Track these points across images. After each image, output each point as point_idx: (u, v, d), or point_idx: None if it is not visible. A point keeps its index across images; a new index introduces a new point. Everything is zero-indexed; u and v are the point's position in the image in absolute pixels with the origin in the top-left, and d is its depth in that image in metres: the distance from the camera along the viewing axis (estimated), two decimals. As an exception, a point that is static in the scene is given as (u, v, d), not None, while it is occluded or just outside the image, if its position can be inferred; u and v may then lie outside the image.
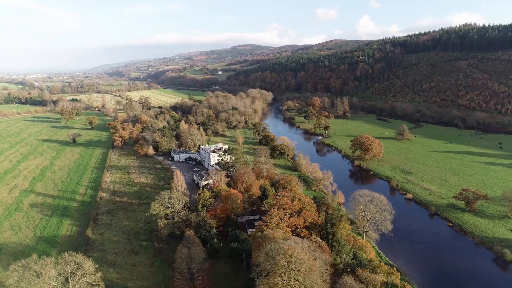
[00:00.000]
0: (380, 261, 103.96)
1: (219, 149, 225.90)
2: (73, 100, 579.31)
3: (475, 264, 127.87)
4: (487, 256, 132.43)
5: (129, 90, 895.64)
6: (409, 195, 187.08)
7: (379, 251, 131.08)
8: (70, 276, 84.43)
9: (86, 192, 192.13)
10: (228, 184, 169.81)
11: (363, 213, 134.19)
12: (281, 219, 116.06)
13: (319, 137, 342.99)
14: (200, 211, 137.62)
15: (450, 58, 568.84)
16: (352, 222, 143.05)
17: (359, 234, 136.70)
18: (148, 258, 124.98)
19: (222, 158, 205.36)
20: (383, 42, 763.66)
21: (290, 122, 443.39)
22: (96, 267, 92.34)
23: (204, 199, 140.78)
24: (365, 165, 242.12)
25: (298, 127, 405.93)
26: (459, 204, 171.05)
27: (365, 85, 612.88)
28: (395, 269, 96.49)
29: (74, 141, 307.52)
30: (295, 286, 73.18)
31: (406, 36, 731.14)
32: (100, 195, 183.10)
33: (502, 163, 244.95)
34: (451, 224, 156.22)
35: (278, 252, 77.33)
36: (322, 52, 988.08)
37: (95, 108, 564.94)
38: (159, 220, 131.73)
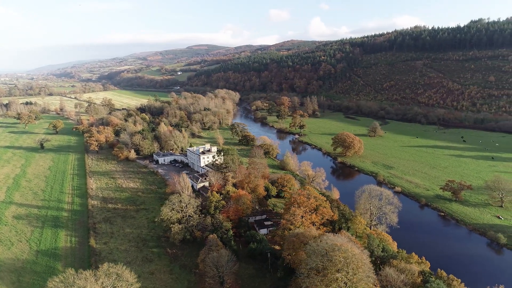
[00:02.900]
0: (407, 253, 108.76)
1: (208, 151, 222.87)
2: (27, 103, 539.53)
3: (473, 249, 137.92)
4: (481, 241, 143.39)
5: (84, 92, 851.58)
6: (398, 189, 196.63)
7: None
8: (111, 289, 79.64)
9: (73, 200, 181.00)
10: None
11: (371, 207, 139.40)
12: (302, 217, 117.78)
13: (296, 136, 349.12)
14: (214, 214, 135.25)
15: (406, 58, 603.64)
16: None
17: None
18: (165, 265, 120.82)
19: (216, 160, 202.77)
20: (342, 42, 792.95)
21: (262, 121, 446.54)
22: (135, 277, 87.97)
23: (216, 201, 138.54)
24: (349, 162, 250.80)
25: (272, 126, 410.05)
26: (445, 195, 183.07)
27: (328, 85, 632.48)
28: (424, 258, 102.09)
29: (42, 147, 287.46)
30: (353, 280, 75.12)
31: (363, 37, 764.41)
32: (91, 203, 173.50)
33: (469, 155, 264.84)
34: (442, 214, 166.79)
35: (331, 248, 78.66)
36: (281, 52, 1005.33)
37: (52, 111, 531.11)
38: (172, 225, 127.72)
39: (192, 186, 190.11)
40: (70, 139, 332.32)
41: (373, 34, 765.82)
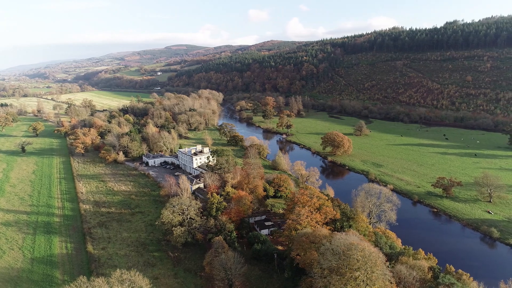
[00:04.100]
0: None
1: (201, 152, 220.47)
2: (2, 105, 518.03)
3: (469, 243, 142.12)
4: (475, 235, 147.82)
5: (61, 93, 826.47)
6: (390, 186, 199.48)
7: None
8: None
9: (64, 205, 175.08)
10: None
11: (370, 205, 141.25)
12: (307, 217, 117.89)
13: (284, 136, 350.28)
14: (216, 215, 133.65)
15: (386, 58, 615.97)
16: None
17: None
18: (168, 269, 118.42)
19: (210, 161, 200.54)
20: (323, 43, 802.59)
21: (248, 122, 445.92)
22: (149, 284, 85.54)
23: (217, 203, 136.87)
24: (339, 161, 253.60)
25: (259, 126, 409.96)
26: (437, 191, 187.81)
27: (311, 84, 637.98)
28: (431, 254, 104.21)
29: (23, 150, 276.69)
30: (372, 278, 75.77)
31: (344, 38, 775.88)
32: (83, 207, 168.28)
33: (453, 152, 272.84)
34: (435, 210, 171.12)
35: (348, 247, 78.96)
36: (263, 53, 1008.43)
37: (29, 113, 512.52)
38: (175, 228, 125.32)
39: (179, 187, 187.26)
40: (52, 142, 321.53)
41: (353, 34, 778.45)
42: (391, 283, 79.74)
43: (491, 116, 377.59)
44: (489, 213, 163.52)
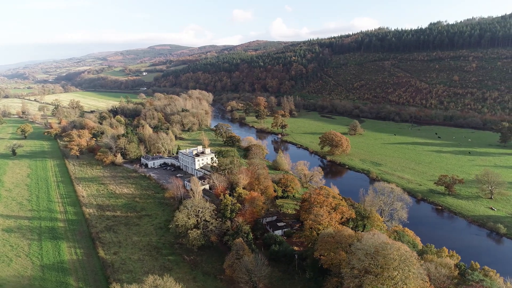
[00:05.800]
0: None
1: (202, 153, 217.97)
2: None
3: (476, 240, 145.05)
4: (481, 231, 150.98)
5: (44, 94, 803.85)
6: (392, 185, 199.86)
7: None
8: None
9: (66, 209, 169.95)
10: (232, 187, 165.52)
11: (382, 204, 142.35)
12: (326, 217, 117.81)
13: (279, 136, 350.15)
14: (231, 217, 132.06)
15: (374, 58, 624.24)
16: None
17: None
18: (186, 272, 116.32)
19: (215, 161, 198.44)
20: (310, 43, 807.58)
21: (241, 122, 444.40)
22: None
23: (231, 204, 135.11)
24: (338, 160, 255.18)
25: (252, 126, 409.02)
26: (439, 189, 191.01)
27: (301, 84, 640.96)
28: (454, 251, 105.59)
29: (14, 153, 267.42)
30: (409, 277, 76.08)
31: (331, 38, 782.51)
32: (87, 211, 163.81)
33: (448, 150, 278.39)
34: (440, 208, 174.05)
35: (382, 247, 79.06)
36: (250, 53, 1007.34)
37: (14, 114, 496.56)
38: (190, 231, 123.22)
39: (191, 190, 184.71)
40: (42, 144, 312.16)
41: (339, 35, 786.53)
42: (425, 281, 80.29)
43: (479, 114, 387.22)
44: (492, 209, 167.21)
